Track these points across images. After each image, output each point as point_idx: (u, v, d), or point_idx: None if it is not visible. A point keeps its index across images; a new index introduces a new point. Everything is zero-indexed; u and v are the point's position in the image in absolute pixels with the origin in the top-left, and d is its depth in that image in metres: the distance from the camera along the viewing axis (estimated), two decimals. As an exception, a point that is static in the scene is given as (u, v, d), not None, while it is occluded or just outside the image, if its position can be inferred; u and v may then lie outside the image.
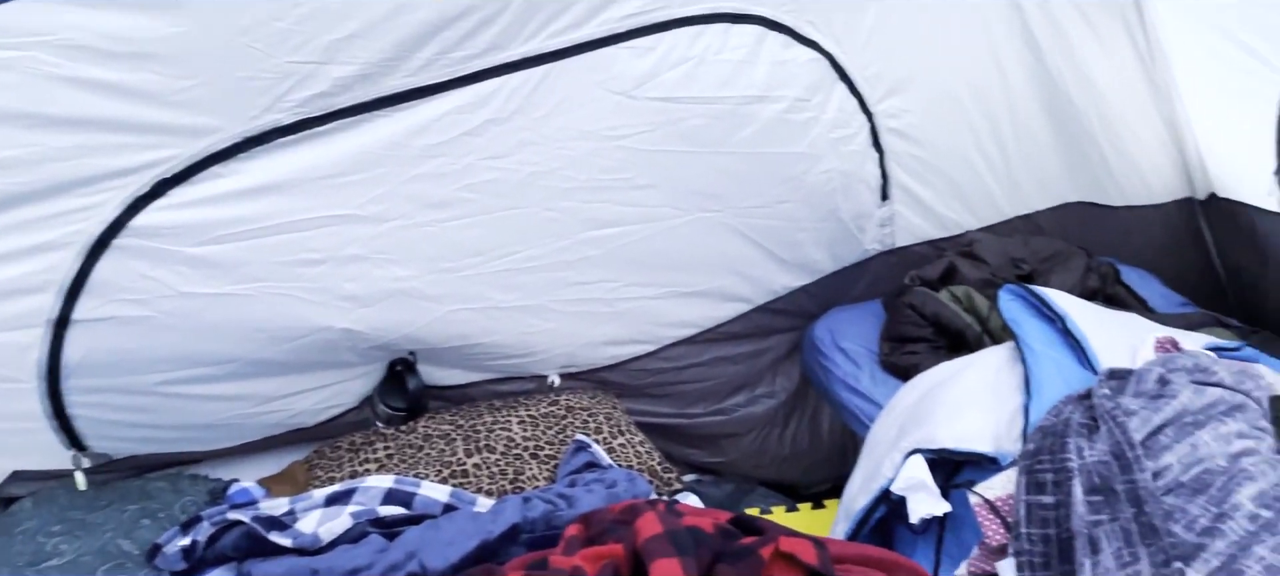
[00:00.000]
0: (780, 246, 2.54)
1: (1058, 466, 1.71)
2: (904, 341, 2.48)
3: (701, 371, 2.64)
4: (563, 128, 2.07)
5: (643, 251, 2.33)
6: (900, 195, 2.66)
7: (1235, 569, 1.48)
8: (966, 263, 2.58)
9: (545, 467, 2.12)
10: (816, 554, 0.84)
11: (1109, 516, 1.62)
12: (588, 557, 0.88)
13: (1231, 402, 1.84)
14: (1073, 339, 2.10)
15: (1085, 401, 1.87)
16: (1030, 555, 1.62)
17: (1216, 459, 1.70)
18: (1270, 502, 1.60)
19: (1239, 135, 2.50)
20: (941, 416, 1.98)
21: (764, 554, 0.83)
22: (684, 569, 0.80)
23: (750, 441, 2.82)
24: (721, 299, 2.57)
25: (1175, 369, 1.92)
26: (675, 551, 0.83)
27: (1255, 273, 2.68)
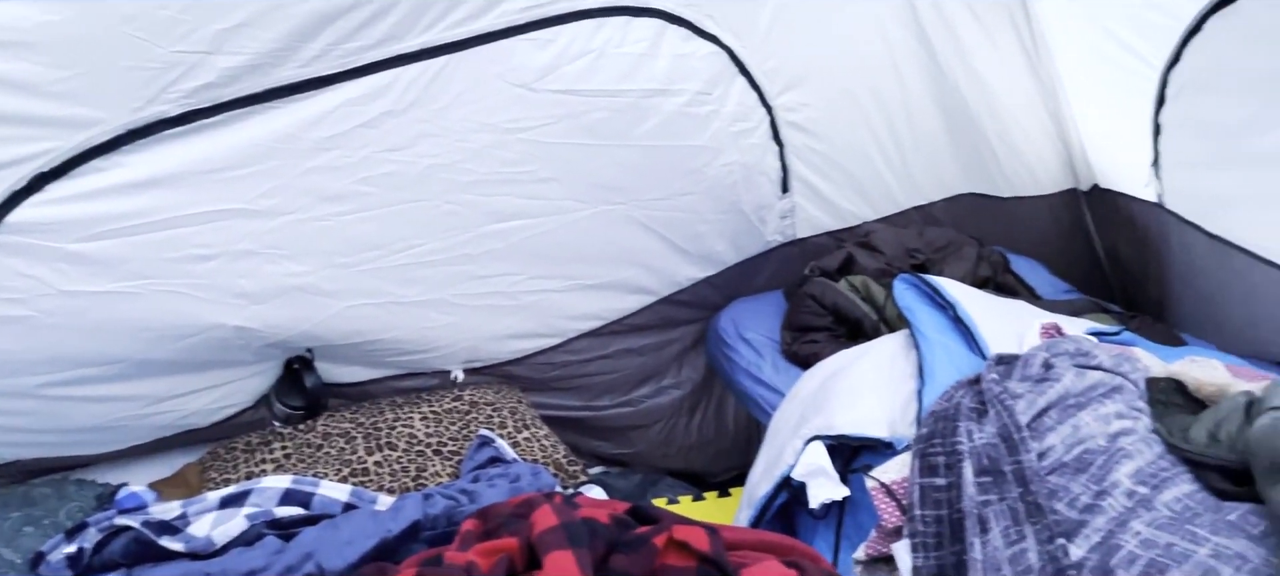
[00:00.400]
0: (683, 238, 2.57)
1: (949, 449, 1.76)
2: (804, 330, 2.52)
3: (607, 364, 2.64)
4: (462, 120, 2.05)
5: (546, 244, 2.32)
6: (800, 188, 2.71)
7: (1114, 543, 1.54)
8: (864, 253, 2.63)
9: (449, 464, 2.09)
10: (709, 541, 0.85)
11: (997, 496, 1.68)
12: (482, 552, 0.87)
13: (1110, 385, 1.92)
14: (963, 326, 2.17)
15: (975, 386, 1.93)
16: (924, 536, 1.66)
17: (1097, 439, 1.77)
18: (1146, 479, 1.68)
19: (1118, 129, 2.61)
20: (839, 403, 2.02)
21: (657, 542, 0.84)
22: (578, 560, 0.80)
23: (657, 432, 2.84)
24: (626, 291, 2.58)
25: (1058, 353, 2.00)
26: (569, 543, 0.83)
27: (1134, 260, 2.80)
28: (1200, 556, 1.47)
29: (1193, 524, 1.55)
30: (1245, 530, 1.52)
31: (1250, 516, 1.55)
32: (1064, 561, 1.52)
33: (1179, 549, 1.49)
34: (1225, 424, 1.74)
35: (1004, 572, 1.57)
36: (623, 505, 0.97)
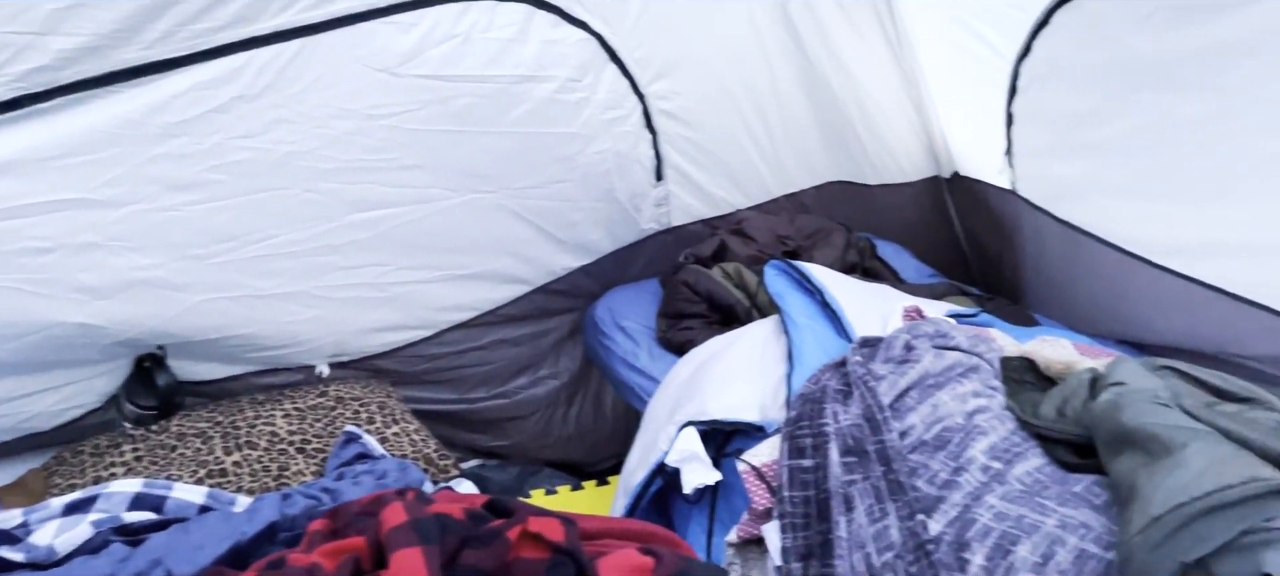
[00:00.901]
0: (557, 227, 2.55)
1: (816, 431, 1.80)
2: (679, 318, 2.54)
3: (481, 355, 2.60)
4: (321, 105, 1.97)
5: (414, 234, 2.26)
6: (674, 176, 2.72)
7: (969, 517, 1.60)
8: (737, 240, 2.67)
9: (313, 462, 2.02)
10: (564, 531, 0.84)
11: (861, 475, 1.72)
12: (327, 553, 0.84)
13: (967, 365, 1.99)
14: (831, 310, 2.22)
15: (841, 368, 1.98)
16: (792, 516, 1.68)
17: (954, 417, 1.83)
18: (1000, 454, 1.75)
19: (975, 118, 2.71)
20: (712, 389, 2.04)
21: (511, 535, 0.82)
22: (426, 557, 0.78)
23: (534, 423, 2.81)
24: (499, 281, 2.55)
25: (919, 335, 2.06)
26: (418, 540, 0.81)
27: (992, 244, 2.92)
28: (1048, 527, 1.53)
29: (1042, 496, 1.62)
30: (1089, 500, 1.60)
31: (1094, 487, 1.63)
32: (923, 536, 1.57)
33: (1029, 520, 1.55)
34: (1071, 400, 1.83)
35: (867, 550, 1.60)
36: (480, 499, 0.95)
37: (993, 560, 1.51)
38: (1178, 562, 1.30)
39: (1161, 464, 1.44)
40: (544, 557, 0.81)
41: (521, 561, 0.81)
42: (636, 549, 0.86)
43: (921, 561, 1.54)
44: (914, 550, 1.56)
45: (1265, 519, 1.30)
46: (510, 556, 0.81)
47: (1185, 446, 1.45)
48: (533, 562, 0.80)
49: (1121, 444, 1.57)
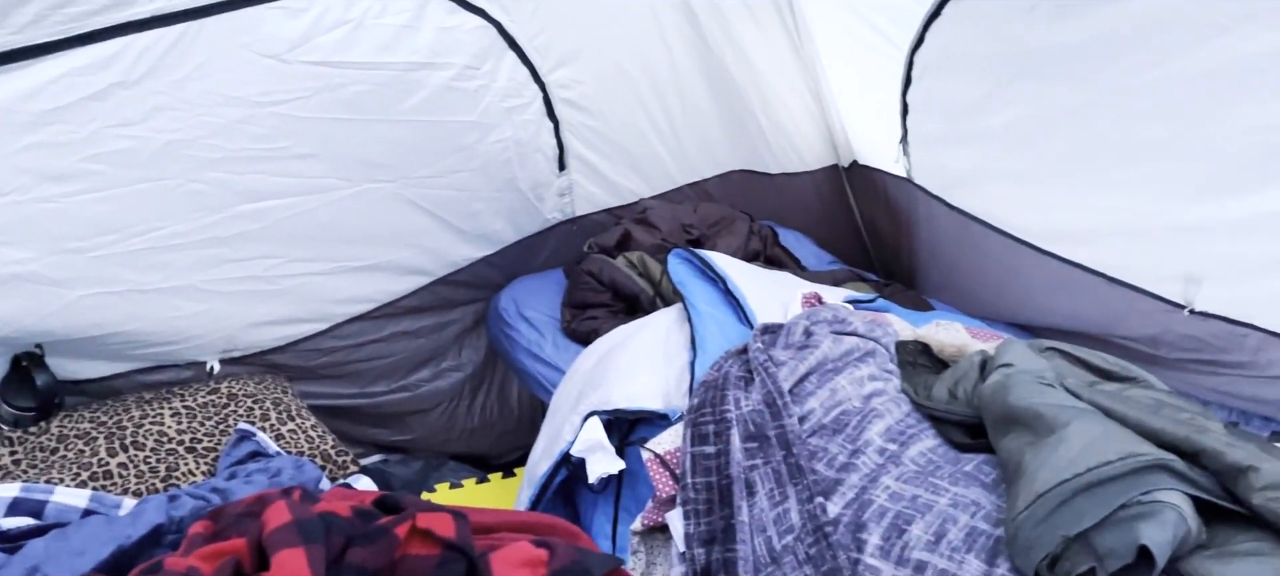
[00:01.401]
0: (458, 217, 2.50)
1: (718, 418, 1.81)
2: (584, 307, 2.53)
3: (381, 348, 2.55)
4: (206, 93, 1.90)
5: (307, 225, 2.20)
6: (577, 165, 2.71)
7: (866, 498, 1.63)
8: (641, 229, 2.67)
9: (204, 461, 1.95)
10: (454, 526, 0.82)
11: (763, 460, 1.74)
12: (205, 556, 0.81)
13: (864, 349, 2.04)
14: (733, 298, 2.24)
15: (742, 355, 1.99)
16: (695, 503, 1.69)
17: (852, 401, 1.87)
18: (896, 436, 1.79)
19: (873, 108, 2.77)
20: (616, 378, 2.04)
21: (399, 532, 0.80)
22: (309, 558, 0.76)
23: (438, 416, 2.77)
24: (398, 272, 2.49)
25: (818, 321, 2.09)
26: (302, 540, 0.78)
27: (889, 232, 2.98)
28: (940, 505, 1.57)
29: (935, 476, 1.66)
30: (980, 479, 1.65)
31: (984, 466, 1.68)
32: (822, 518, 1.59)
33: (923, 500, 1.59)
34: (963, 381, 1.88)
35: (769, 533, 1.62)
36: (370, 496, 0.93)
37: (888, 539, 1.54)
38: (1060, 536, 1.35)
39: (1046, 442, 1.50)
40: (434, 554, 0.79)
41: (410, 558, 0.79)
42: (530, 541, 0.85)
43: (820, 543, 1.57)
44: (813, 532, 1.59)
45: (1142, 493, 1.35)
46: (399, 553, 0.79)
47: (1068, 424, 1.50)
48: (422, 559, 0.78)
49: (1009, 423, 1.63)
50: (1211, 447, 1.42)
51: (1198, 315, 1.92)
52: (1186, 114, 1.76)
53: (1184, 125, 1.78)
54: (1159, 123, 1.84)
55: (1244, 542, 1.35)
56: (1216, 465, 1.42)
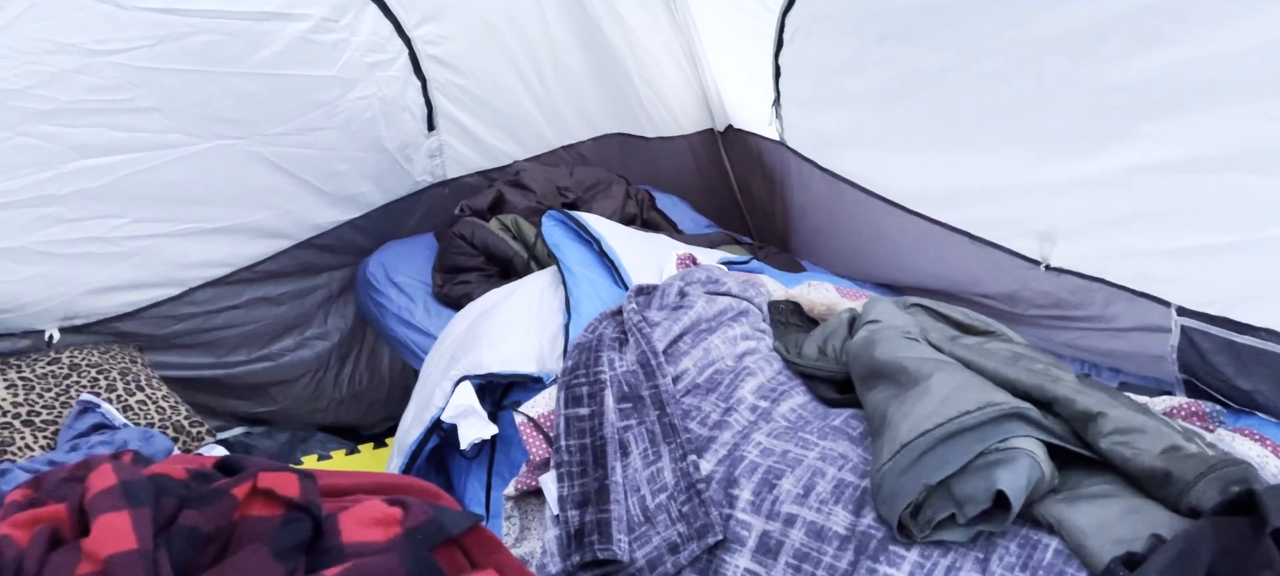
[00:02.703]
0: (320, 178, 2.39)
1: (592, 379, 1.79)
2: (456, 271, 2.47)
3: (239, 315, 2.42)
4: (34, 39, 1.75)
5: (153, 183, 2.06)
6: (447, 125, 2.63)
7: (738, 455, 1.64)
8: (514, 192, 2.62)
9: (42, 435, 1.82)
10: (300, 485, 0.77)
11: (637, 420, 1.73)
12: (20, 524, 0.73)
13: (738, 309, 2.05)
14: (608, 260, 2.22)
15: (617, 317, 1.98)
16: (569, 465, 1.67)
17: (725, 360, 1.88)
18: (767, 394, 1.80)
19: (746, 71, 2.78)
20: (488, 342, 2.00)
21: (238, 493, 0.75)
22: (135, 521, 0.69)
23: (304, 386, 2.66)
24: (255, 235, 2.37)
25: (692, 282, 2.09)
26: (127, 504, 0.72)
27: (764, 194, 3.01)
28: (809, 460, 1.59)
29: (804, 431, 1.68)
30: (847, 433, 1.68)
31: (852, 420, 1.72)
32: (695, 476, 1.60)
33: (792, 454, 1.61)
34: (831, 338, 1.92)
35: (643, 492, 1.62)
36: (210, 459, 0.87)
37: (759, 494, 1.55)
38: (923, 485, 1.38)
39: (909, 394, 1.53)
40: (276, 514, 0.74)
41: (250, 520, 0.73)
42: (384, 500, 0.81)
43: (693, 500, 1.57)
44: (687, 490, 1.59)
45: (999, 440, 1.39)
46: (237, 515, 0.74)
47: (930, 377, 1.54)
48: (263, 520, 0.73)
49: (875, 377, 1.66)
50: (1063, 395, 1.48)
51: (1052, 271, 2.00)
52: (1043, 75, 1.82)
53: (1041, 86, 1.84)
54: (1017, 83, 1.89)
55: (1093, 485, 1.41)
56: (1068, 412, 1.47)
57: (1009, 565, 1.34)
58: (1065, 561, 1.32)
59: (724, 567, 1.50)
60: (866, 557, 1.41)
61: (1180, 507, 1.32)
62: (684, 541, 1.54)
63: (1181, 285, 1.77)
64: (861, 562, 1.41)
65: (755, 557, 1.49)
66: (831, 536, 1.46)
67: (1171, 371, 1.85)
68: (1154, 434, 1.40)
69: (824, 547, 1.45)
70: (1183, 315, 1.78)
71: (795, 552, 1.47)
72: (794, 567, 1.45)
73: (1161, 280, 1.81)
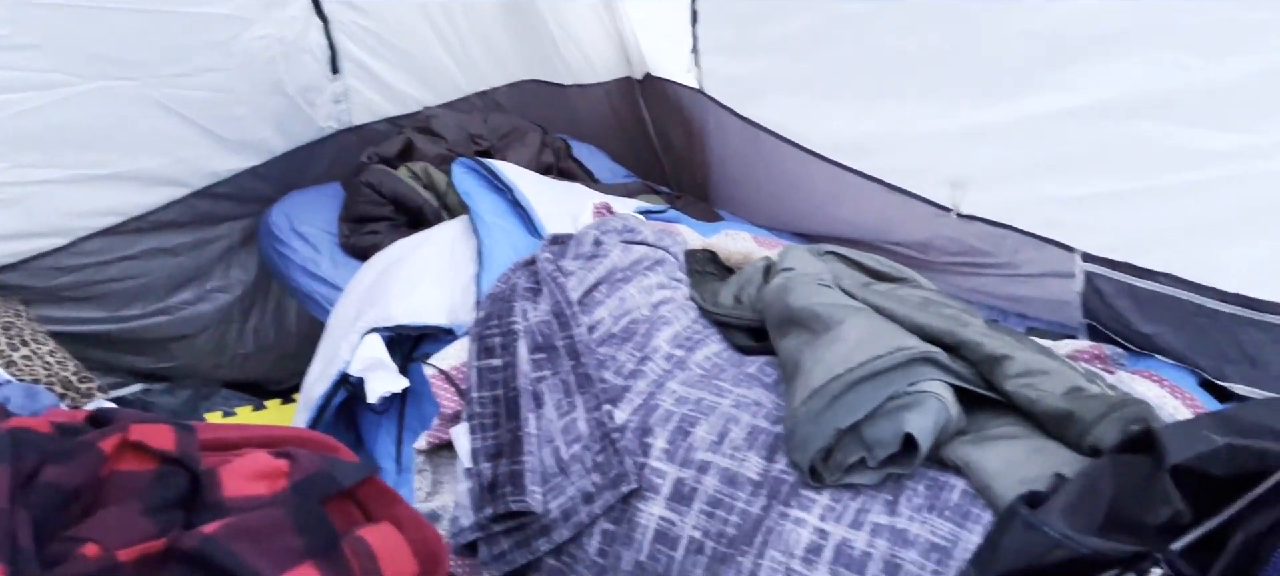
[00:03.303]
0: (217, 123, 2.28)
1: (505, 330, 1.76)
2: (364, 221, 2.39)
3: (133, 266, 2.30)
4: (-108, -32, 1.62)
5: (33, 126, 1.93)
6: (352, 69, 2.53)
7: (653, 404, 1.63)
8: (424, 139, 2.54)
9: (-87, 396, 1.71)
10: (175, 437, 0.72)
11: (551, 371, 1.70)
12: None
13: (654, 258, 2.03)
14: (521, 209, 2.18)
15: (530, 266, 1.95)
16: (481, 417, 1.65)
17: (641, 309, 1.87)
18: (682, 342, 1.80)
19: (663, 17, 2.73)
20: (397, 293, 1.95)
21: (106, 446, 0.69)
22: (-12, 478, 0.65)
23: (205, 341, 2.56)
24: (148, 183, 2.25)
25: (607, 231, 2.07)
26: (-19, 460, 0.67)
27: (682, 143, 2.98)
28: (724, 407, 1.59)
29: (718, 378, 1.68)
30: (761, 380, 1.68)
31: (766, 368, 1.72)
32: (609, 425, 1.59)
33: (707, 402, 1.61)
34: (747, 287, 1.91)
35: (557, 443, 1.60)
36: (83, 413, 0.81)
37: (674, 442, 1.55)
38: (834, 429, 1.39)
39: (821, 340, 1.53)
40: (150, 468, 0.69)
41: (120, 475, 0.69)
42: (270, 453, 0.77)
43: (608, 449, 1.56)
44: (601, 439, 1.58)
45: (909, 384, 1.41)
46: (106, 471, 0.69)
47: (842, 323, 1.55)
48: (134, 475, 0.68)
49: (788, 324, 1.66)
50: (971, 339, 1.50)
51: (963, 218, 2.02)
52: (958, 21, 1.83)
53: (955, 32, 1.84)
54: (932, 32, 1.89)
55: (999, 427, 1.44)
56: (975, 355, 1.49)
57: (917, 506, 1.36)
58: (971, 501, 1.35)
59: (638, 515, 1.50)
60: (779, 502, 1.42)
61: (1082, 447, 1.35)
62: (598, 490, 1.53)
63: (1086, 231, 1.81)
64: (774, 507, 1.42)
65: (669, 505, 1.49)
66: (744, 482, 1.46)
67: (1076, 316, 1.90)
68: (1057, 376, 1.43)
69: (737, 493, 1.46)
70: (1087, 261, 1.82)
71: (709, 499, 1.47)
72: (707, 513, 1.46)
73: (1068, 226, 1.84)
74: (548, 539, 1.52)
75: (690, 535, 1.45)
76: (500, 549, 1.54)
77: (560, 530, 1.52)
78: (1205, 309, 1.66)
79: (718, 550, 1.42)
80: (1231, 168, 1.53)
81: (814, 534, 1.37)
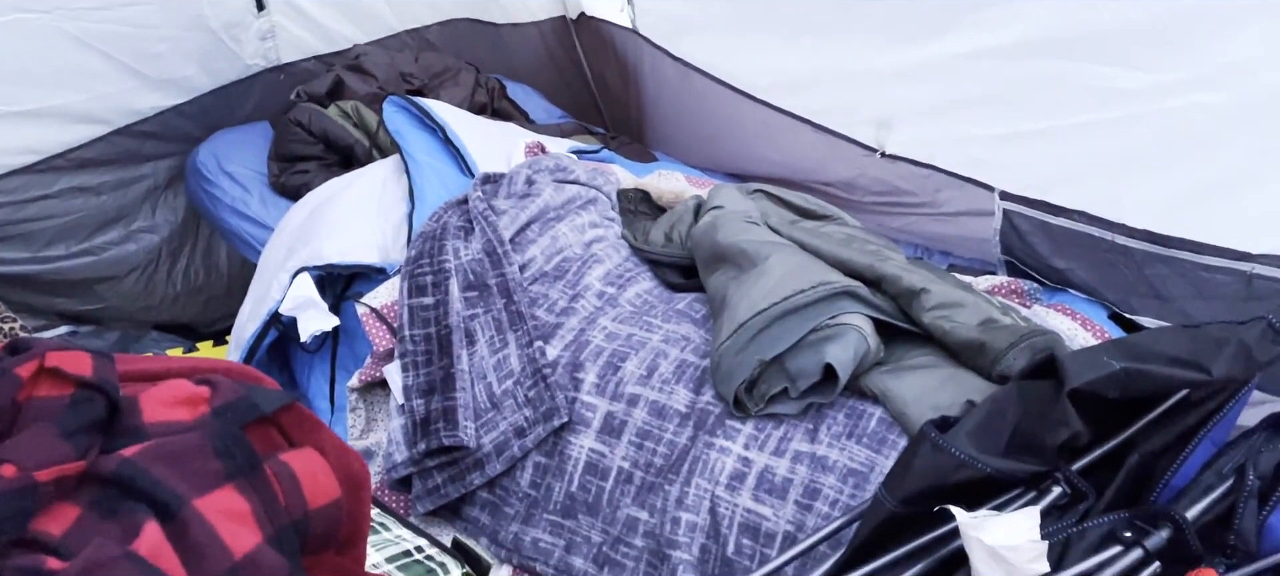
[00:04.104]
0: (137, 59, 2.21)
1: (437, 268, 1.76)
2: (293, 160, 2.36)
3: (53, 205, 2.24)
4: None
5: (-58, 60, 1.87)
6: (279, 5, 2.47)
7: (584, 340, 1.66)
8: (355, 77, 2.50)
9: None
10: (92, 364, 0.72)
11: (483, 309, 1.72)
12: None
13: (586, 197, 2.05)
14: (453, 148, 2.17)
15: (462, 205, 1.95)
16: (413, 354, 1.66)
17: (573, 248, 1.88)
18: (614, 280, 1.82)
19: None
20: (328, 232, 1.94)
21: (21, 372, 0.70)
22: (-105, 405, 0.64)
23: (133, 283, 2.51)
24: (66, 120, 2.18)
25: (540, 170, 2.07)
26: (-114, 386, 0.66)
27: (617, 84, 2.98)
28: (653, 342, 1.63)
29: (649, 315, 1.71)
30: (691, 316, 1.72)
31: (695, 304, 1.76)
32: (541, 361, 1.61)
33: (637, 338, 1.64)
34: (678, 225, 1.94)
35: (489, 379, 1.62)
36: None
37: (604, 377, 1.58)
38: (758, 361, 1.43)
39: (748, 275, 1.57)
40: (65, 393, 0.69)
41: (36, 401, 0.69)
42: (189, 380, 0.77)
43: (540, 385, 1.58)
44: (533, 375, 1.60)
45: (830, 317, 1.45)
46: (22, 396, 0.69)
47: (768, 259, 1.58)
48: (50, 400, 0.69)
49: (717, 261, 1.69)
50: (891, 274, 1.54)
51: (888, 158, 2.07)
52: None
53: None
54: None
55: (915, 357, 1.49)
56: (895, 289, 1.54)
57: (836, 433, 1.41)
58: (888, 428, 1.40)
59: (569, 448, 1.53)
60: (705, 432, 1.46)
61: (993, 375, 1.41)
62: (530, 425, 1.56)
63: (1004, 170, 1.86)
64: (700, 437, 1.46)
65: (599, 437, 1.52)
66: (672, 414, 1.50)
67: (995, 253, 1.96)
68: (972, 308, 1.49)
69: (665, 425, 1.50)
70: (1005, 199, 1.87)
71: (638, 431, 1.51)
72: (636, 444, 1.49)
73: (987, 165, 1.89)
74: (481, 472, 1.55)
75: (619, 465, 1.49)
76: (434, 483, 1.57)
77: (493, 464, 1.54)
78: (1115, 245, 1.72)
79: (646, 479, 1.47)
80: (1140, 106, 1.59)
81: (738, 462, 1.41)
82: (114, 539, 0.62)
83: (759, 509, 1.37)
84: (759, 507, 1.37)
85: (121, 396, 0.73)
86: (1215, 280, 1.58)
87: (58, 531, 0.62)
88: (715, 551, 1.37)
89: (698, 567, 1.37)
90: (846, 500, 1.33)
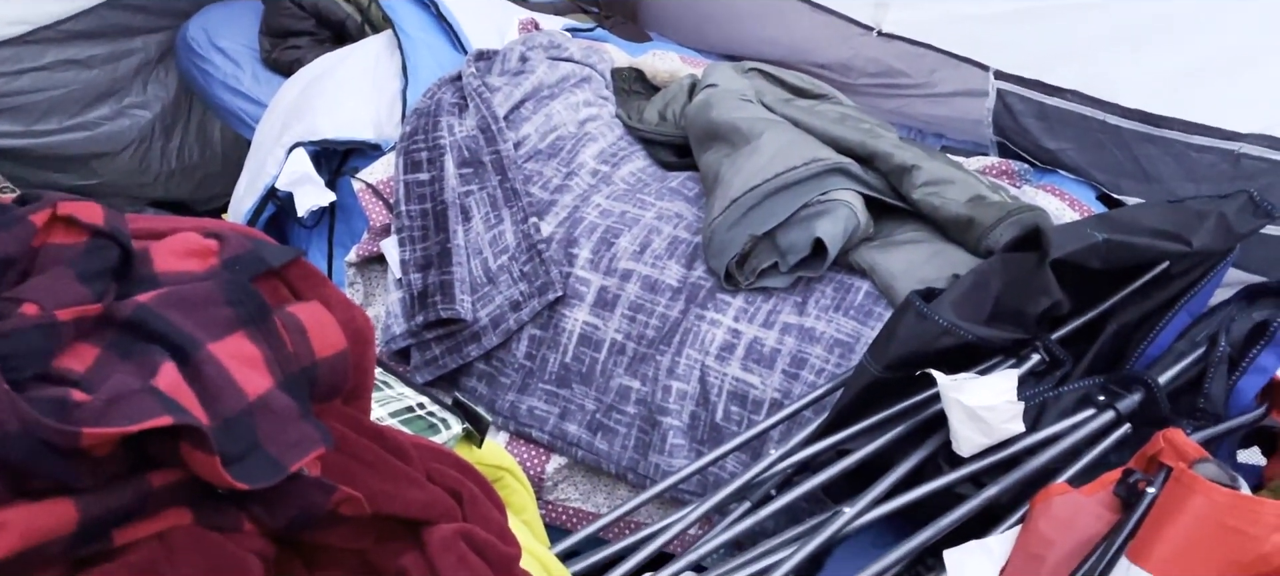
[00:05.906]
0: (121, -75, 2.18)
1: (432, 145, 1.77)
2: (285, 35, 2.33)
3: (44, 78, 2.22)
4: None
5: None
6: None
7: (578, 216, 1.68)
8: (346, -50, 2.46)
9: None
10: (104, 214, 0.74)
11: (478, 185, 1.73)
12: None
13: (580, 75, 2.04)
14: (446, 23, 2.15)
15: (456, 82, 1.94)
16: (410, 230, 1.68)
17: (567, 126, 1.89)
18: (608, 158, 1.83)
19: None
20: (323, 108, 1.93)
21: (36, 219, 0.71)
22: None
23: (128, 159, 2.51)
24: (53, -12, 2.16)
25: (533, 47, 2.06)
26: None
27: (611, -37, 2.93)
28: (647, 219, 1.65)
29: (642, 193, 1.73)
30: (683, 193, 1.74)
31: (688, 182, 1.77)
32: (536, 237, 1.63)
33: (630, 215, 1.66)
34: (672, 103, 1.94)
35: (485, 254, 1.65)
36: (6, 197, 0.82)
37: (598, 252, 1.61)
38: (749, 235, 1.45)
39: (741, 152, 1.58)
40: (80, 241, 0.72)
41: (51, 247, 0.71)
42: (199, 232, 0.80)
43: (534, 260, 1.61)
44: (528, 250, 1.63)
45: (821, 193, 1.47)
46: (37, 243, 0.71)
47: (761, 135, 1.59)
48: (65, 247, 0.71)
49: (710, 138, 1.70)
50: (883, 150, 1.56)
51: (884, 37, 2.05)
52: None
53: None
54: None
55: (904, 233, 1.52)
56: (886, 166, 1.56)
57: (824, 307, 1.45)
58: (874, 302, 1.44)
59: (564, 321, 1.57)
60: (696, 305, 1.50)
61: (980, 250, 1.44)
62: (525, 298, 1.59)
63: (1000, 49, 1.86)
64: (691, 310, 1.50)
65: (593, 310, 1.56)
66: (664, 288, 1.54)
67: (987, 134, 1.97)
68: (961, 185, 1.51)
69: (657, 298, 1.53)
70: (1000, 78, 1.87)
71: (630, 304, 1.54)
72: (629, 318, 1.53)
73: (983, 44, 1.88)
74: (478, 345, 1.59)
75: (613, 337, 1.53)
76: (432, 355, 1.61)
77: (489, 336, 1.58)
78: (1107, 125, 1.74)
79: (638, 350, 1.51)
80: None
81: (728, 333, 1.45)
82: (134, 376, 0.65)
83: (747, 377, 1.41)
84: (747, 376, 1.41)
85: (133, 246, 0.76)
86: (1204, 160, 1.60)
87: (80, 368, 0.65)
88: (704, 417, 1.42)
89: (687, 432, 1.42)
90: (832, 369, 1.38)
